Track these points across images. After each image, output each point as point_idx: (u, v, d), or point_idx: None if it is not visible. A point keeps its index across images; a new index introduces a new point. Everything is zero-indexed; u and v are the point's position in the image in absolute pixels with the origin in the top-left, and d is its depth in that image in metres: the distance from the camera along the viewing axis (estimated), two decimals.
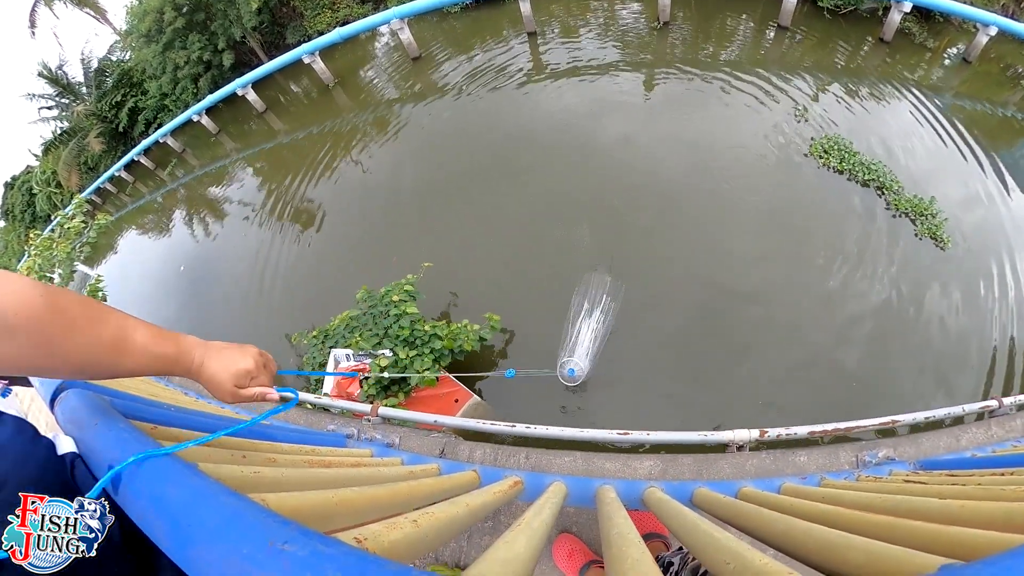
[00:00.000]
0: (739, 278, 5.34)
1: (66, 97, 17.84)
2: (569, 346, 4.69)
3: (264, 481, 0.76)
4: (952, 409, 2.28)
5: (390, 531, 0.59)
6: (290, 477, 0.86)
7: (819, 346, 4.85)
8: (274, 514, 0.45)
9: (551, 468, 1.96)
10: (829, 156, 6.23)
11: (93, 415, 0.74)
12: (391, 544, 0.56)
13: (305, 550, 0.38)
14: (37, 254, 7.82)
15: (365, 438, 2.20)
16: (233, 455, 0.94)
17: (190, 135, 14.17)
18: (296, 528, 0.42)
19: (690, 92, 7.54)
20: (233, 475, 0.72)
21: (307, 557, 0.37)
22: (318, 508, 0.69)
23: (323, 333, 4.86)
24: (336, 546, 0.40)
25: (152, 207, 14.01)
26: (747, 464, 1.87)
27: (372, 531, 0.56)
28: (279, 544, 0.39)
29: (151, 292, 9.96)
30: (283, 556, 0.37)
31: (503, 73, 9.06)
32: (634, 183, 6.43)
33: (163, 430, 0.90)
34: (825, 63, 7.90)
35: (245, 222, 9.76)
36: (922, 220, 5.62)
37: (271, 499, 0.60)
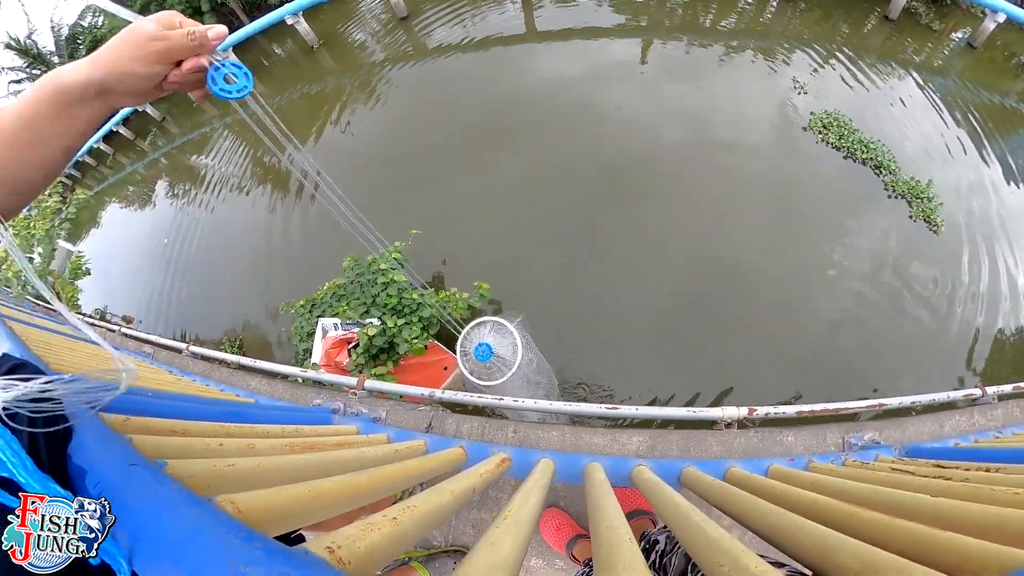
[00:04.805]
0: (728, 250, 5.35)
1: (37, 68, 17.12)
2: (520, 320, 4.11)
3: (238, 475, 0.73)
4: (936, 395, 2.31)
5: (367, 534, 0.56)
6: (267, 467, 0.83)
7: (806, 323, 4.90)
8: (240, 526, 0.43)
9: (539, 443, 1.95)
10: (828, 131, 6.17)
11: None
12: (368, 548, 0.53)
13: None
14: (14, 234, 7.61)
15: (351, 412, 2.18)
16: (209, 444, 0.90)
17: (169, 102, 13.69)
18: (262, 546, 0.39)
19: (688, 60, 7.38)
20: (206, 471, 0.69)
21: None
22: (293, 505, 0.66)
23: (310, 302, 4.81)
24: (304, 569, 0.37)
25: (133, 179, 13.63)
26: (735, 442, 1.88)
27: (347, 536, 0.53)
28: (241, 567, 0.36)
29: (137, 265, 9.79)
30: None
31: (495, 35, 8.76)
32: (627, 151, 6.35)
33: (135, 421, 0.86)
34: (828, 37, 7.73)
35: (229, 191, 9.55)
36: (918, 203, 5.63)
37: (241, 500, 0.56)
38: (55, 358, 1.74)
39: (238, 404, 1.70)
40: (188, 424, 1.01)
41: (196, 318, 7.77)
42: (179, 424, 0.99)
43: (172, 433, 0.92)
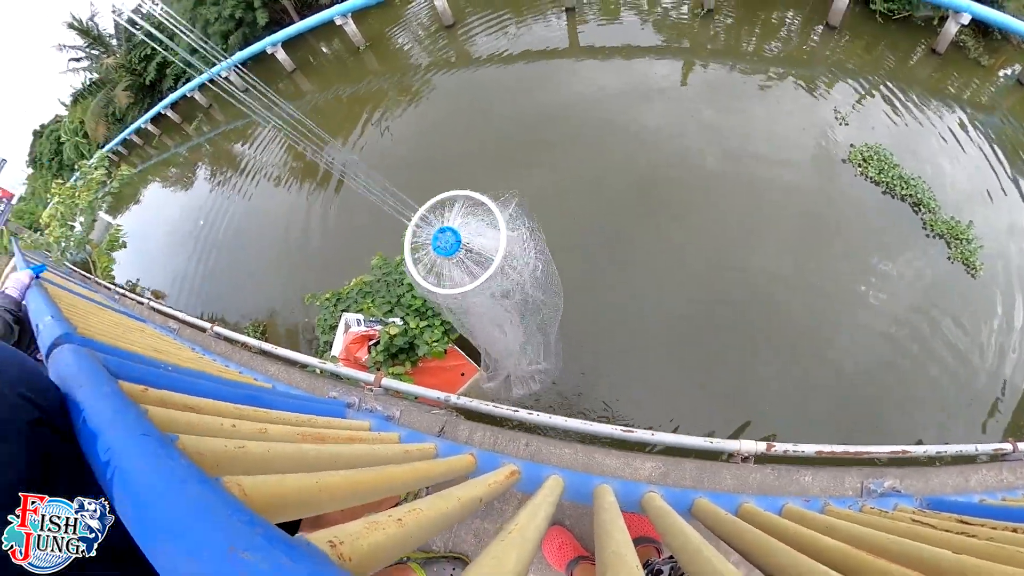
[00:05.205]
0: (758, 277, 5.25)
1: (96, 48, 17.99)
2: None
3: (248, 458, 0.73)
4: (964, 447, 2.20)
5: (371, 532, 0.55)
6: (277, 453, 0.83)
7: (830, 358, 4.76)
8: (244, 509, 0.42)
9: (550, 459, 1.93)
10: (868, 165, 6.02)
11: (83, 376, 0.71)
12: (371, 547, 0.53)
13: (267, 562, 0.35)
14: (60, 201, 7.96)
15: (366, 408, 2.19)
16: (223, 424, 0.91)
17: (218, 91, 14.18)
18: (263, 532, 0.39)
19: (728, 84, 7.32)
20: (216, 450, 0.69)
21: (267, 571, 0.34)
22: (298, 494, 0.65)
23: (336, 296, 4.88)
24: (303, 561, 0.37)
25: (176, 160, 14.15)
26: (750, 477, 1.82)
27: (350, 532, 0.52)
28: (240, 552, 0.35)
29: (174, 242, 10.13)
30: (241, 566, 0.34)
31: (536, 48, 8.87)
32: (662, 168, 6.33)
33: (153, 393, 0.87)
34: (872, 69, 7.57)
35: (267, 180, 9.82)
36: (956, 244, 5.43)
37: (248, 484, 0.56)
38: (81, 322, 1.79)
39: (255, 388, 1.72)
40: (204, 402, 1.02)
41: (221, 299, 7.97)
42: (195, 401, 1.00)
43: (187, 409, 0.92)
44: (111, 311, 3.42)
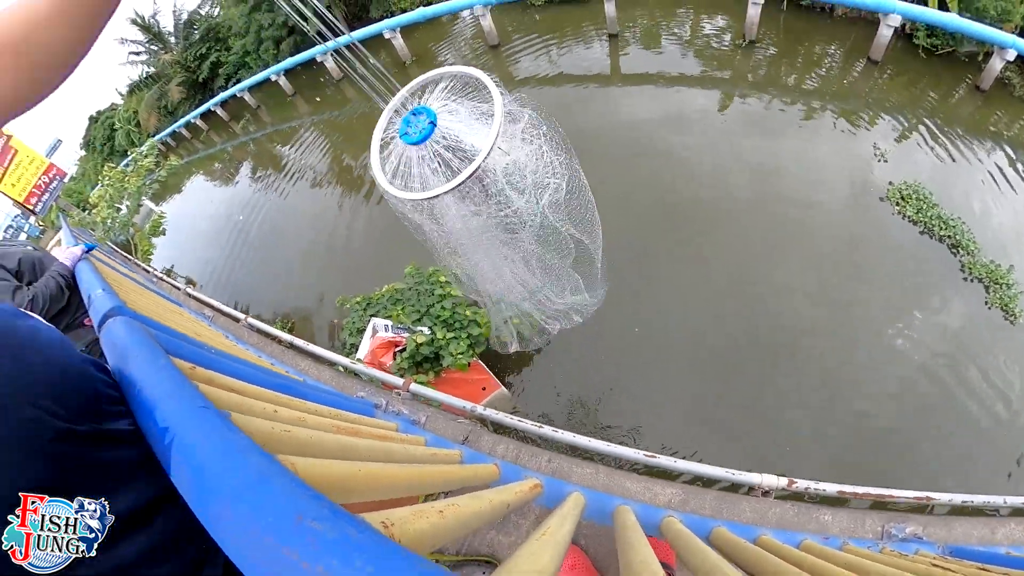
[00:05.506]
0: (789, 313, 5.16)
1: (155, 44, 18.97)
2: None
3: (294, 441, 0.77)
4: (992, 498, 2.12)
5: (417, 519, 0.58)
6: (319, 441, 0.86)
7: (862, 401, 4.61)
8: (304, 485, 0.42)
9: (571, 477, 1.94)
10: (906, 204, 5.89)
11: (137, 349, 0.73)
12: (417, 533, 0.56)
13: (334, 532, 0.35)
14: (109, 184, 8.36)
15: (392, 411, 2.24)
16: (265, 408, 0.93)
17: (266, 93, 14.78)
18: (327, 506, 0.39)
19: (767, 115, 7.29)
20: (263, 430, 0.71)
21: (335, 540, 0.34)
22: (344, 480, 0.68)
23: (366, 300, 4.97)
24: (367, 533, 0.37)
25: (221, 156, 14.72)
26: (769, 511, 1.80)
27: (399, 517, 0.55)
28: (308, 520, 0.36)
29: (211, 234, 10.49)
30: (310, 533, 0.35)
31: (579, 71, 9.00)
32: (697, 196, 6.31)
33: (200, 372, 0.91)
34: (914, 105, 7.42)
35: (305, 182, 10.12)
36: (995, 288, 5.24)
37: (299, 464, 0.59)
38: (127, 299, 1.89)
39: (290, 379, 1.77)
40: (246, 386, 1.05)
41: (251, 293, 8.19)
42: (238, 384, 1.03)
43: (232, 390, 0.95)
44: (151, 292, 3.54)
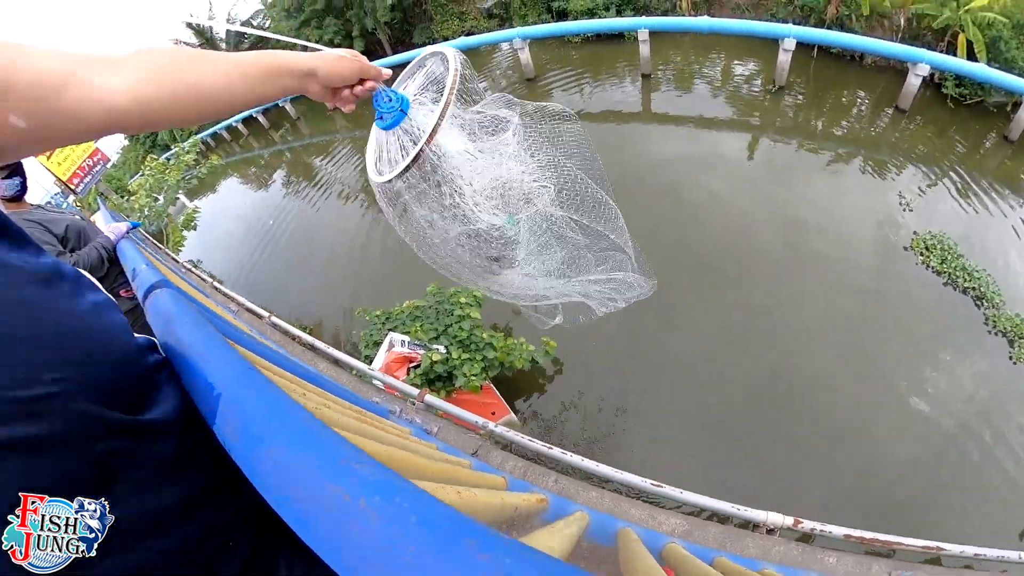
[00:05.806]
0: (807, 358, 5.13)
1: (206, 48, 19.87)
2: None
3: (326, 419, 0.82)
4: (1006, 552, 2.10)
5: (438, 493, 0.64)
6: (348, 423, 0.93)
7: (877, 449, 4.55)
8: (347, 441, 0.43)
9: (577, 498, 2.00)
10: (930, 254, 5.87)
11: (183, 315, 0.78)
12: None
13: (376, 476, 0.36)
14: (150, 174, 8.71)
15: (406, 418, 2.32)
16: (295, 389, 0.99)
17: (307, 105, 15.38)
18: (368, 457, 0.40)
19: (794, 161, 7.38)
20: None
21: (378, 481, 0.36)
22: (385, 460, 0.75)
23: (386, 315, 5.08)
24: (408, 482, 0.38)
25: (258, 161, 15.26)
26: (773, 549, 1.84)
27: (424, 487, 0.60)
28: (352, 463, 0.37)
29: (238, 234, 10.83)
30: (355, 474, 0.36)
31: (612, 108, 9.23)
32: (719, 239, 6.37)
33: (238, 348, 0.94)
34: (941, 154, 7.44)
35: (336, 195, 10.43)
36: (1020, 343, 5.17)
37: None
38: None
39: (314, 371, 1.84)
40: (277, 369, 1.10)
41: (271, 295, 8.34)
42: (269, 366, 1.08)
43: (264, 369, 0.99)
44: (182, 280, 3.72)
